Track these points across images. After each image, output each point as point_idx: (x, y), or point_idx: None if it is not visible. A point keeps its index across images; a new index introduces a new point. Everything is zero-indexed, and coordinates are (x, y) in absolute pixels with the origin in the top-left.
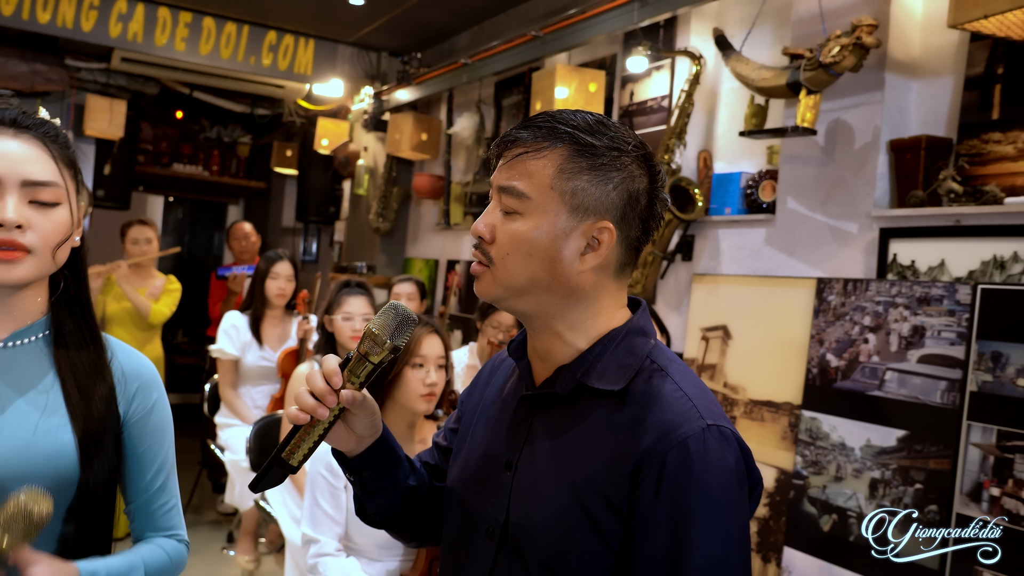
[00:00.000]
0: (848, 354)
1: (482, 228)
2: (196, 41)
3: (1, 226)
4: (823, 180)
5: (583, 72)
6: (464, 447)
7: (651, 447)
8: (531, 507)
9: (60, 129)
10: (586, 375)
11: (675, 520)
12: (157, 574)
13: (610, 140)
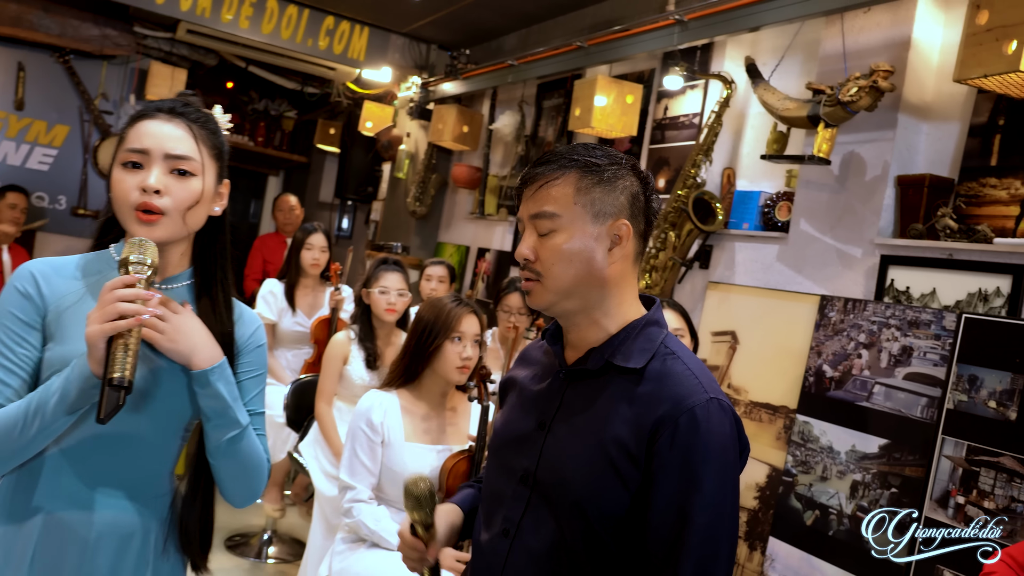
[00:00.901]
0: (842, 366)
1: (526, 251)
2: (259, 20)
3: (145, 188)
4: (834, 206)
5: (622, 84)
6: (503, 416)
7: (666, 413)
8: (563, 460)
9: (214, 122)
10: (612, 355)
11: (684, 468)
12: (260, 459)
13: (607, 158)
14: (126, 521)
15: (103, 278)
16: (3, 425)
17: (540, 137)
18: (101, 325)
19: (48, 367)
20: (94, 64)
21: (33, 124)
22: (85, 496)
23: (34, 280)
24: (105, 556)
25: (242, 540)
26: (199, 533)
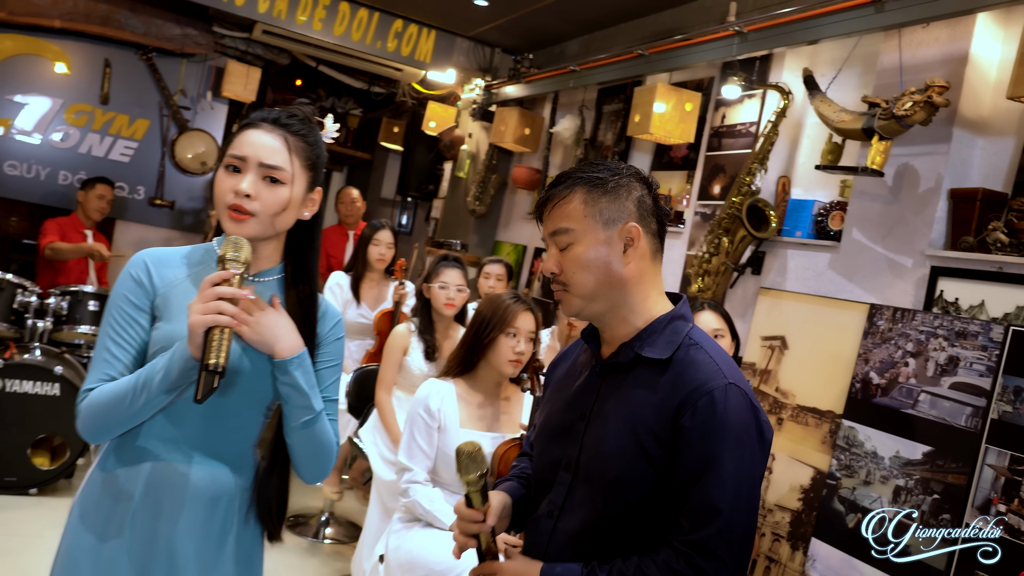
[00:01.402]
0: (889, 374)
1: (552, 266)
2: (332, 22)
3: (238, 192)
4: (886, 217)
5: (681, 92)
6: (546, 408)
7: (687, 396)
8: (600, 445)
9: (313, 135)
10: (641, 348)
11: (702, 445)
12: (330, 442)
13: (609, 171)
14: (215, 483)
15: (206, 268)
16: (115, 396)
17: (599, 141)
18: (201, 317)
19: (155, 344)
20: (174, 62)
21: (116, 118)
22: (182, 453)
23: (146, 267)
24: (197, 513)
25: (301, 520)
26: (276, 505)
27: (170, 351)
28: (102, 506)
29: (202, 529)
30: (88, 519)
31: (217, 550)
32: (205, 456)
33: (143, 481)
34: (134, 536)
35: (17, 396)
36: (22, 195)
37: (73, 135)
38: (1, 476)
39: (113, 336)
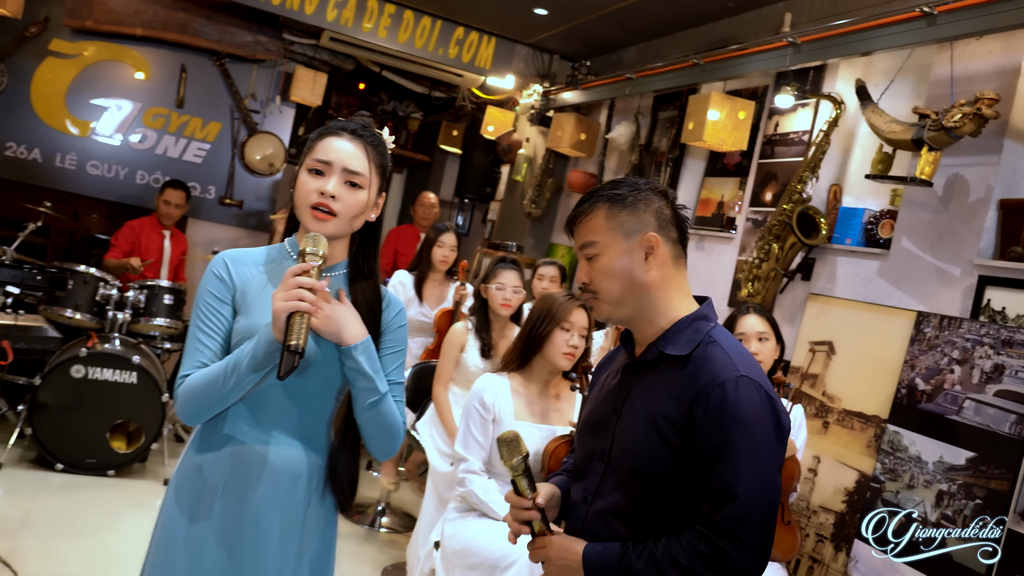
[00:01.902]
0: (935, 380)
1: (583, 277)
2: (396, 29)
3: (322, 194)
4: (936, 226)
5: (735, 101)
6: (588, 407)
7: (702, 388)
8: (627, 437)
9: (384, 145)
10: (664, 347)
11: (717, 433)
12: (393, 413)
13: (628, 187)
14: (294, 462)
15: (278, 266)
16: (209, 379)
17: (654, 147)
18: (284, 303)
19: (236, 335)
20: (246, 67)
21: (191, 121)
22: (263, 437)
23: (226, 266)
24: (279, 490)
25: (359, 509)
26: (348, 480)
27: (255, 337)
28: (194, 485)
29: (283, 504)
30: (181, 497)
31: (297, 523)
32: (284, 437)
33: (230, 462)
34: (222, 512)
35: (98, 383)
36: (103, 194)
37: (150, 137)
38: (82, 458)
39: (202, 327)
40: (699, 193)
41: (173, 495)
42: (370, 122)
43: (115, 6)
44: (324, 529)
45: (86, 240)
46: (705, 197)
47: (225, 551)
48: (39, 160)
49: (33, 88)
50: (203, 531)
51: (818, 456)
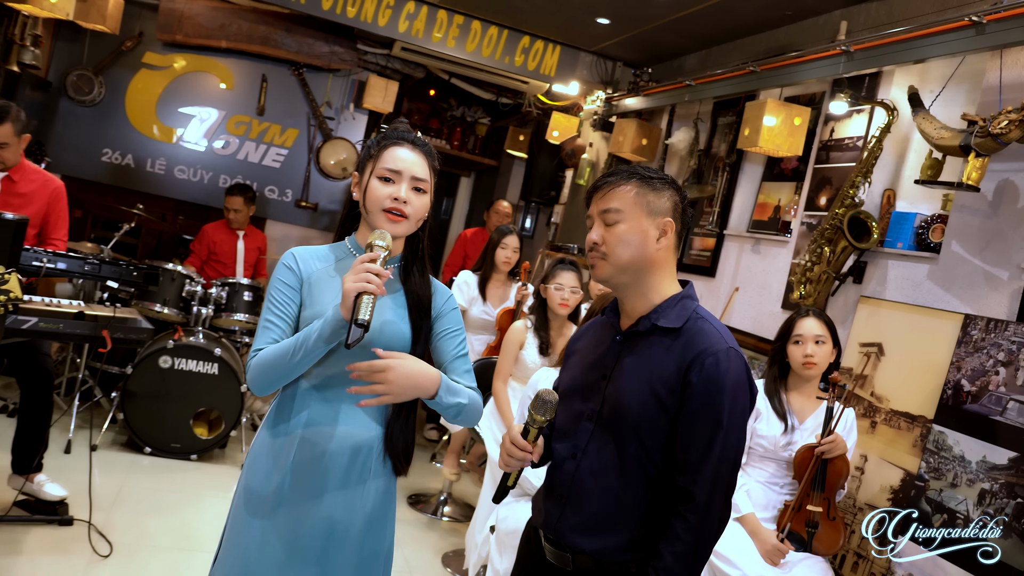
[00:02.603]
0: (980, 382)
1: (595, 237)
2: (464, 39)
3: (396, 200)
4: (985, 230)
5: (790, 107)
6: (568, 373)
7: (696, 356)
8: (622, 397)
9: (435, 153)
10: (657, 319)
11: (706, 395)
12: (471, 400)
13: (657, 175)
14: (358, 434)
15: (340, 262)
16: (279, 353)
17: (713, 152)
18: (354, 284)
19: (303, 322)
20: (322, 76)
21: (270, 128)
22: (329, 417)
23: (295, 259)
24: (342, 460)
25: (423, 499)
26: (403, 447)
27: (324, 316)
28: (268, 457)
29: (346, 473)
30: (257, 468)
31: (359, 489)
32: (347, 416)
33: (300, 436)
34: (293, 481)
35: (183, 373)
36: (188, 196)
37: (233, 143)
38: (168, 443)
39: (273, 309)
40: (756, 197)
41: (250, 467)
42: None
43: (203, 21)
44: (384, 492)
45: (173, 240)
46: (762, 201)
47: (295, 515)
48: (132, 165)
49: (127, 98)
50: (276, 497)
51: (865, 455)
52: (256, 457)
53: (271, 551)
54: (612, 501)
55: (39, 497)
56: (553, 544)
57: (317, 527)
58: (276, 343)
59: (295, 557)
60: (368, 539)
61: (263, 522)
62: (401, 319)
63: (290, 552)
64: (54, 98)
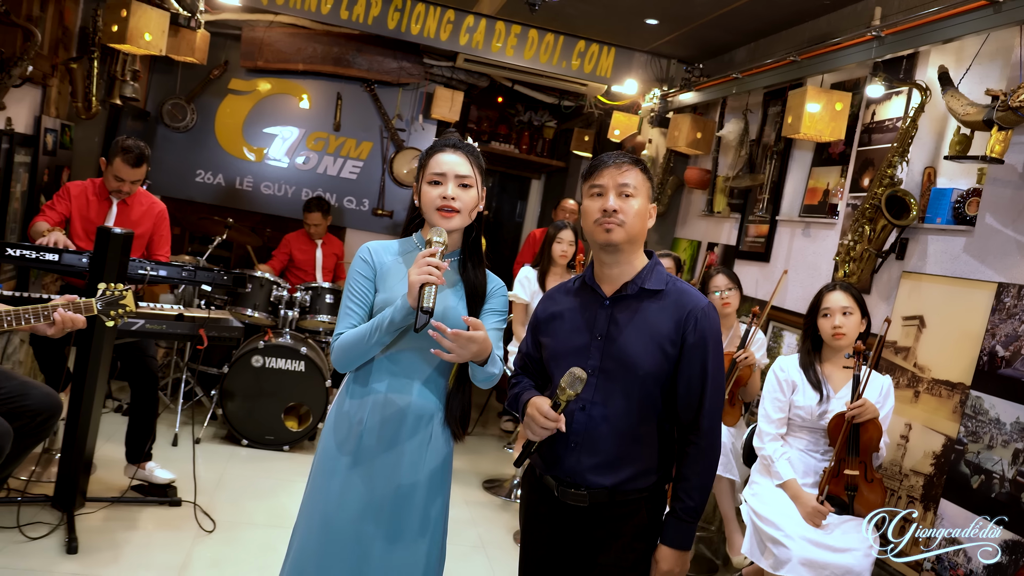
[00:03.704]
0: (1013, 347)
1: (615, 205)
2: (522, 48)
3: (445, 198)
4: (1017, 201)
5: (831, 93)
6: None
7: (690, 311)
8: (628, 351)
9: (478, 151)
10: (643, 283)
11: (702, 342)
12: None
13: (647, 167)
14: (422, 404)
15: (408, 255)
16: (358, 336)
17: (764, 141)
18: (418, 276)
19: (377, 307)
20: (392, 91)
21: (346, 142)
22: (399, 386)
23: (369, 253)
24: (408, 427)
25: (496, 483)
26: (460, 416)
27: (394, 304)
28: (344, 423)
29: (412, 437)
30: (334, 432)
31: (423, 452)
32: (414, 386)
33: (372, 405)
34: (366, 443)
35: (274, 371)
36: (274, 210)
37: (312, 158)
38: (262, 435)
39: (352, 297)
40: (807, 183)
41: (328, 430)
42: (457, 134)
43: (281, 47)
44: (444, 457)
45: (263, 251)
46: (812, 186)
47: (367, 473)
48: (223, 184)
49: (217, 122)
50: (352, 456)
51: (909, 423)
52: (335, 421)
53: (349, 504)
54: (625, 441)
55: (151, 481)
56: (569, 486)
57: (388, 485)
58: (355, 327)
59: (369, 511)
60: (430, 500)
61: (341, 477)
62: (460, 306)
63: (365, 506)
64: (152, 126)
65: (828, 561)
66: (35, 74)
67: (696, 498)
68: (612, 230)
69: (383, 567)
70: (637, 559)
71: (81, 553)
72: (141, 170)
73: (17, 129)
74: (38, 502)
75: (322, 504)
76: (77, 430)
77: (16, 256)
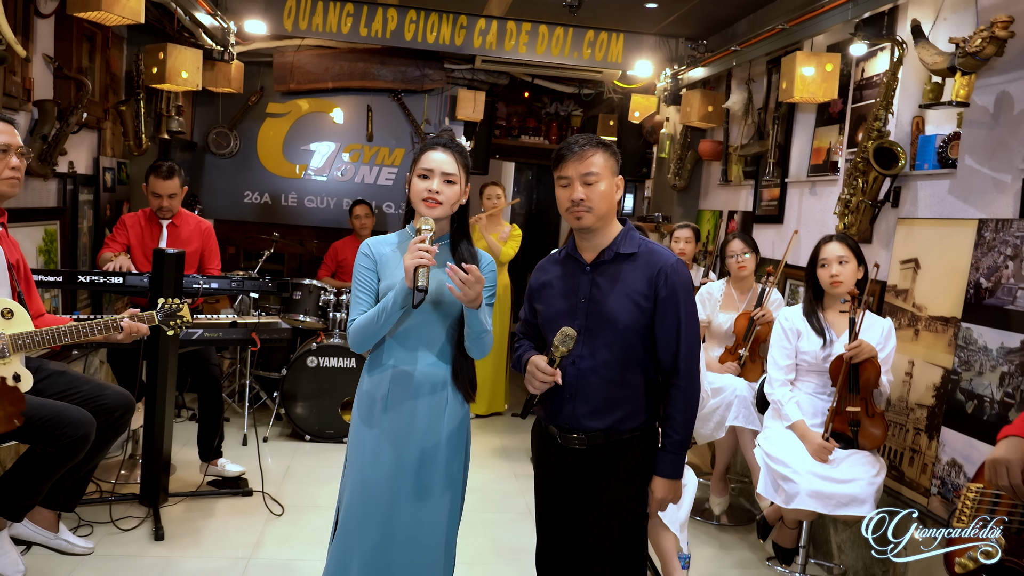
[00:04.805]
0: (994, 278)
1: (580, 195)
2: (534, 43)
3: (431, 191)
4: (991, 140)
5: (821, 56)
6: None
7: (660, 268)
8: (608, 309)
9: (465, 149)
10: (618, 248)
11: (673, 295)
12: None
13: (609, 145)
14: (433, 372)
15: (403, 244)
16: (369, 319)
17: (770, 108)
18: (412, 261)
19: (382, 292)
20: (418, 98)
21: (380, 150)
22: (410, 358)
23: (368, 247)
24: (423, 394)
25: None
26: (467, 379)
27: (395, 288)
28: (368, 398)
29: (427, 404)
30: (360, 407)
31: (441, 417)
32: (425, 356)
33: (390, 378)
34: (388, 413)
35: (328, 369)
36: (319, 222)
37: (349, 169)
38: (323, 430)
39: (360, 287)
40: (812, 144)
41: (356, 410)
42: (452, 134)
43: (311, 68)
44: (461, 418)
45: (311, 260)
46: (817, 146)
47: (393, 439)
48: (269, 202)
49: (258, 145)
50: (377, 427)
51: (912, 360)
52: (360, 398)
53: (381, 465)
54: (613, 388)
55: (223, 475)
56: (569, 432)
57: (413, 448)
58: (364, 313)
59: (399, 470)
60: (451, 458)
61: (372, 446)
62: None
63: (395, 466)
64: (200, 155)
65: (834, 491)
66: (90, 119)
67: (681, 432)
68: (582, 217)
69: (413, 520)
70: (635, 491)
71: (167, 540)
72: (173, 182)
73: (79, 171)
74: (127, 500)
75: (359, 471)
76: (154, 432)
77: (87, 282)
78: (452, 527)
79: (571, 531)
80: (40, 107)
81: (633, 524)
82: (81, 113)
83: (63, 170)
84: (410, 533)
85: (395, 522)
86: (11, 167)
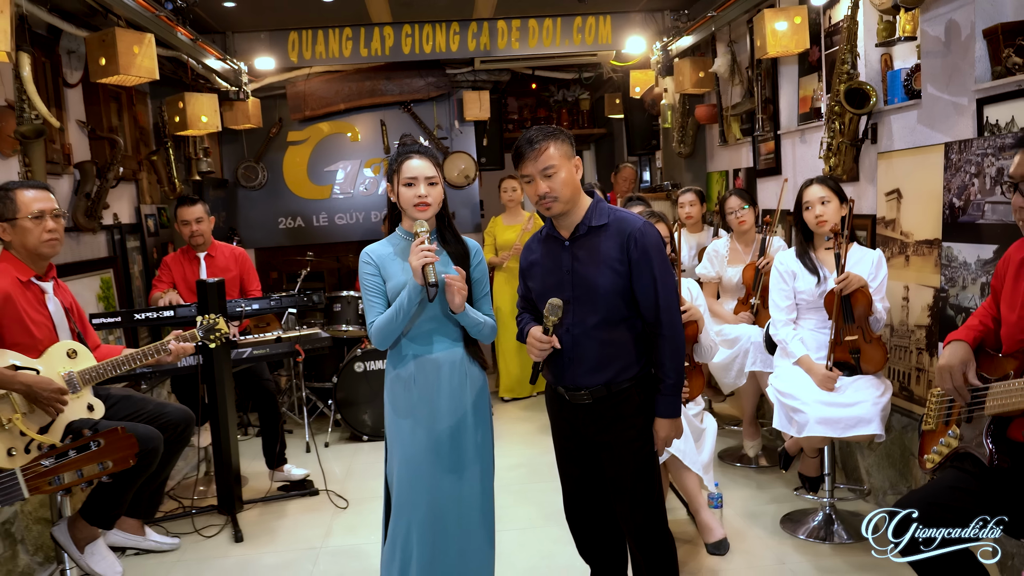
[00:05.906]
0: (964, 196)
1: (542, 190)
2: (526, 38)
3: (419, 196)
4: (946, 67)
5: (788, 10)
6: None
7: (629, 234)
8: (590, 278)
9: (436, 152)
10: (590, 222)
11: (646, 257)
12: (485, 322)
13: (557, 131)
14: (450, 353)
15: (398, 247)
16: (388, 318)
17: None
18: (419, 261)
19: (390, 293)
20: (427, 106)
21: None
22: (427, 347)
23: (368, 255)
24: (444, 374)
25: None
26: (477, 352)
27: (407, 287)
28: (396, 386)
29: (449, 383)
30: (391, 396)
31: (462, 388)
32: (440, 341)
33: (413, 365)
34: (415, 396)
35: (375, 372)
36: (350, 236)
37: (372, 183)
38: (378, 429)
39: (370, 292)
40: (798, 94)
41: (386, 397)
42: (416, 140)
43: (322, 93)
44: (481, 385)
45: (349, 274)
46: (803, 96)
47: (425, 417)
48: (302, 225)
49: (284, 173)
50: (408, 410)
51: (907, 285)
52: (389, 387)
53: (419, 441)
54: (605, 347)
55: (290, 479)
56: (574, 390)
57: (443, 420)
58: (382, 313)
59: (433, 445)
60: (476, 427)
61: (407, 427)
62: (448, 268)
63: (430, 441)
64: (232, 191)
65: (840, 416)
66: (126, 173)
67: (673, 376)
68: (551, 207)
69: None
70: (639, 432)
71: (246, 540)
72: (197, 208)
73: (123, 221)
74: (207, 512)
75: (400, 451)
76: (221, 446)
77: (144, 319)
78: (487, 485)
79: (590, 477)
80: (80, 168)
81: (643, 461)
82: (117, 168)
83: (108, 222)
84: (453, 496)
85: (439, 490)
86: (48, 229)
